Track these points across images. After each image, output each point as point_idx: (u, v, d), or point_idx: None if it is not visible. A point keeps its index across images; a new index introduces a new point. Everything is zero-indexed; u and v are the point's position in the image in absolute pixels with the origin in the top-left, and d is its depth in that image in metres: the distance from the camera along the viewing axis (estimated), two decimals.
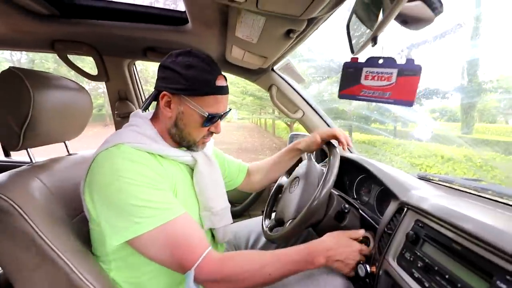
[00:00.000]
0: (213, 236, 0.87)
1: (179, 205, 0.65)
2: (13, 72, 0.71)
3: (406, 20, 0.43)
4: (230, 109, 0.81)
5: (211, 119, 0.72)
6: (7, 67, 0.73)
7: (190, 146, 0.77)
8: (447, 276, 0.49)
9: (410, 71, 0.56)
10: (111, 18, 0.93)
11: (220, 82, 0.71)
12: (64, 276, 0.62)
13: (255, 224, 1.12)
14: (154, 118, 0.78)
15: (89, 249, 0.72)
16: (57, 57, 1.10)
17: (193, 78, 0.67)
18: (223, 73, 0.74)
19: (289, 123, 9.63)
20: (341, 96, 0.61)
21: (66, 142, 1.02)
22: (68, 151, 1.09)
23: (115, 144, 0.65)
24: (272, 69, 1.19)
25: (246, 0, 0.50)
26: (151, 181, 0.62)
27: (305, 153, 1.04)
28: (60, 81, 0.84)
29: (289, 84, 1.23)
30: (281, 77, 1.21)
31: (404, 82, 0.56)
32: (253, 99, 10.46)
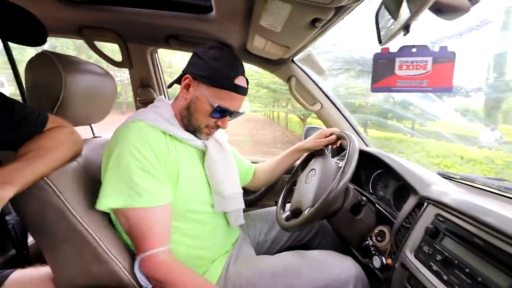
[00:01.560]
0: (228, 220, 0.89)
1: (163, 197, 0.69)
2: (46, 56, 0.75)
3: (440, 9, 0.42)
4: (243, 112, 0.83)
5: (220, 112, 0.76)
6: (31, 54, 0.77)
7: (195, 131, 0.80)
8: (467, 270, 0.49)
9: (445, 58, 0.55)
10: (137, 5, 0.95)
11: (239, 81, 0.75)
12: (90, 249, 0.66)
13: (268, 214, 1.13)
14: (174, 101, 0.83)
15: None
16: (77, 44, 1.14)
17: (215, 70, 0.73)
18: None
19: (302, 117, 9.52)
20: (374, 89, 0.60)
21: (92, 125, 1.07)
22: (93, 133, 1.14)
23: (134, 120, 0.71)
24: (292, 60, 1.18)
25: None
26: (149, 166, 0.66)
27: (323, 148, 1.04)
28: (89, 66, 0.87)
29: (308, 76, 1.22)
30: (301, 68, 1.20)
31: (440, 69, 0.55)
32: (267, 91, 10.40)
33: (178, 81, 0.81)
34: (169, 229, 0.71)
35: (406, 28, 0.42)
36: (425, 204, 0.67)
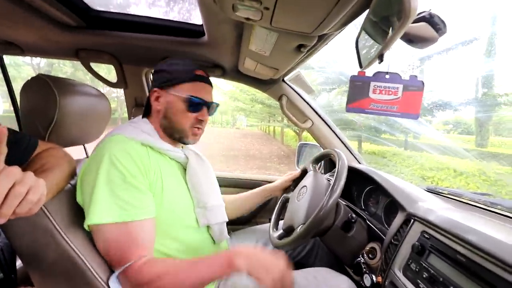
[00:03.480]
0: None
1: (146, 210, 0.68)
2: (41, 79, 0.77)
3: (411, 39, 0.46)
4: (218, 104, 0.88)
5: (194, 104, 0.79)
6: (27, 70, 0.80)
7: (182, 137, 0.82)
8: (451, 287, 0.50)
9: (414, 87, 0.58)
10: (132, 29, 0.99)
11: (199, 73, 0.81)
12: (79, 272, 0.65)
13: (261, 231, 1.13)
14: (149, 117, 0.85)
15: None
16: (74, 62, 1.18)
17: (175, 71, 0.80)
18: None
19: (298, 131, 9.63)
20: (349, 109, 0.64)
21: (85, 145, 1.08)
22: (86, 154, 1.14)
23: (112, 135, 0.74)
24: (283, 80, 1.22)
25: (261, 18, 0.54)
26: (129, 177, 0.66)
27: (311, 165, 1.06)
28: (83, 87, 0.90)
29: (299, 94, 1.26)
30: (291, 87, 1.24)
31: (409, 96, 0.59)
32: (263, 106, 10.55)
33: (148, 101, 0.85)
34: (152, 242, 0.69)
35: (380, 57, 0.45)
36: (412, 221, 0.68)
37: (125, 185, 0.66)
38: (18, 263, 1.04)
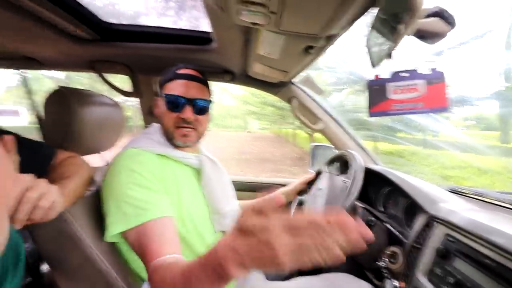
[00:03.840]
0: None
1: (165, 209, 0.68)
2: (61, 91, 0.81)
3: (422, 35, 0.44)
4: (210, 101, 0.85)
5: (172, 102, 0.79)
6: (46, 82, 0.84)
7: (170, 139, 0.82)
8: None
9: (436, 79, 0.56)
10: (144, 40, 1.02)
11: (182, 71, 0.82)
12: (103, 278, 0.67)
13: None
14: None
15: None
16: (91, 73, 1.22)
17: (163, 75, 0.84)
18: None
19: (310, 133, 9.53)
20: (372, 114, 0.61)
21: (102, 153, 1.11)
22: (103, 161, 1.18)
23: (128, 149, 0.76)
24: (292, 82, 1.22)
25: (268, 23, 0.54)
26: (147, 182, 0.69)
27: (326, 167, 1.04)
28: (100, 98, 0.93)
29: (309, 96, 1.24)
30: (301, 89, 1.23)
31: (433, 90, 0.56)
32: (274, 109, 10.54)
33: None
34: (174, 239, 0.66)
35: (388, 55, 0.44)
36: (434, 223, 0.65)
37: (141, 189, 0.68)
38: (45, 267, 1.09)
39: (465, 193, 0.89)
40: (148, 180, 0.69)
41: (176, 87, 0.79)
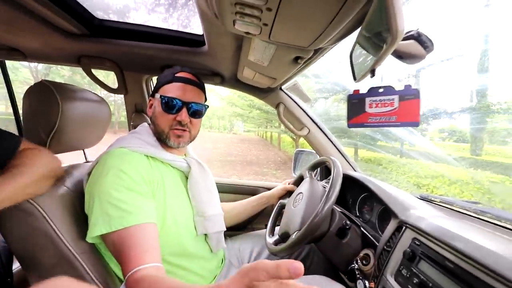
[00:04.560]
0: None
1: (149, 214, 0.68)
2: (45, 85, 0.79)
3: (401, 56, 0.49)
4: (206, 106, 0.89)
5: (169, 104, 0.81)
6: (25, 73, 0.82)
7: (164, 139, 0.83)
8: None
9: (410, 95, 0.61)
10: (135, 38, 1.02)
11: (180, 74, 0.84)
12: (78, 277, 0.66)
13: (258, 237, 1.14)
14: (152, 126, 0.88)
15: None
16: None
17: (161, 77, 0.86)
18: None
19: (294, 137, 9.68)
20: (350, 125, 0.67)
21: (85, 150, 1.09)
22: (86, 158, 1.16)
23: (117, 148, 0.75)
24: (281, 88, 1.25)
25: (260, 33, 0.57)
26: (131, 182, 0.68)
27: (307, 171, 1.09)
28: (85, 93, 0.92)
29: (296, 102, 1.29)
30: (288, 96, 1.27)
31: (406, 105, 0.61)
32: (260, 112, 10.62)
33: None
34: (157, 247, 0.66)
35: (372, 72, 0.48)
36: (404, 228, 0.71)
37: (128, 192, 0.67)
38: (15, 266, 1.04)
39: (434, 201, 0.96)
40: (136, 183, 0.69)
41: (174, 90, 0.81)
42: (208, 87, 1.00)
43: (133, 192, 0.67)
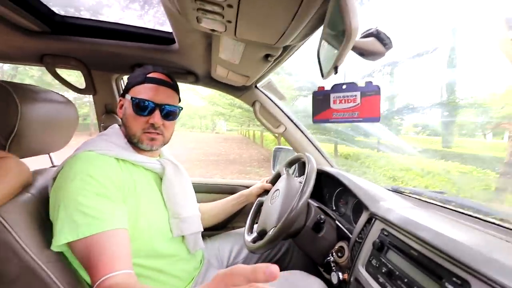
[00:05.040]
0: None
1: (119, 219, 0.65)
2: (2, 86, 0.74)
3: (362, 53, 0.50)
4: (180, 108, 0.85)
5: (141, 106, 0.77)
6: None
7: (137, 143, 0.80)
8: (406, 280, 0.54)
9: (371, 92, 0.63)
10: (101, 36, 0.97)
11: (153, 75, 0.81)
12: (44, 286, 0.63)
13: (238, 236, 1.14)
14: (122, 128, 0.85)
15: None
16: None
17: (132, 77, 0.82)
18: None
19: (277, 135, 9.76)
20: (315, 121, 0.68)
21: (51, 154, 1.03)
22: (52, 162, 1.09)
23: (84, 151, 0.71)
24: (256, 86, 1.25)
25: (225, 30, 0.56)
26: (100, 188, 0.65)
27: (284, 168, 1.10)
28: (48, 94, 0.86)
29: (271, 100, 1.29)
30: (264, 93, 1.27)
31: (368, 101, 0.64)
32: (242, 111, 10.60)
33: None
34: (128, 254, 0.64)
35: (335, 69, 0.49)
36: (374, 219, 0.73)
37: (97, 197, 0.64)
38: None
39: (404, 192, 1.01)
40: (105, 188, 0.66)
41: (145, 91, 0.78)
42: (188, 86, 0.98)
43: (101, 198, 0.64)
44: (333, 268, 0.82)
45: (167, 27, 0.99)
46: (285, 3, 0.43)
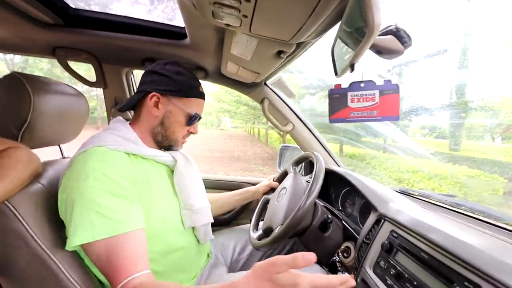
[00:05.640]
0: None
1: (137, 220, 0.65)
2: (15, 77, 0.75)
3: (379, 51, 0.49)
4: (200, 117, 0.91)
5: (193, 119, 0.84)
6: (0, 66, 0.77)
7: (171, 145, 0.85)
8: (415, 283, 0.54)
9: (389, 90, 0.62)
10: (113, 29, 0.98)
11: (202, 89, 0.86)
12: (53, 276, 0.63)
13: (242, 232, 1.14)
14: (134, 122, 0.83)
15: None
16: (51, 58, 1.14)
17: (182, 82, 0.80)
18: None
19: (281, 133, 9.73)
20: (332, 120, 0.67)
21: (61, 145, 1.04)
22: (62, 154, 1.11)
23: (93, 147, 0.69)
24: (265, 83, 1.25)
25: (240, 25, 0.56)
26: (120, 190, 0.64)
27: (291, 167, 1.09)
28: (59, 86, 0.87)
29: (280, 98, 1.28)
30: (273, 91, 1.27)
31: (387, 100, 0.62)
32: (247, 108, 10.59)
33: (137, 101, 0.82)
34: (146, 253, 0.64)
35: (351, 66, 0.48)
36: (382, 221, 0.72)
37: (113, 197, 0.63)
38: None
39: (412, 194, 1.00)
40: (121, 187, 0.64)
41: (199, 106, 0.86)
42: None
43: (118, 197, 0.63)
44: (339, 268, 0.81)
45: (176, 22, 1.00)
46: None
